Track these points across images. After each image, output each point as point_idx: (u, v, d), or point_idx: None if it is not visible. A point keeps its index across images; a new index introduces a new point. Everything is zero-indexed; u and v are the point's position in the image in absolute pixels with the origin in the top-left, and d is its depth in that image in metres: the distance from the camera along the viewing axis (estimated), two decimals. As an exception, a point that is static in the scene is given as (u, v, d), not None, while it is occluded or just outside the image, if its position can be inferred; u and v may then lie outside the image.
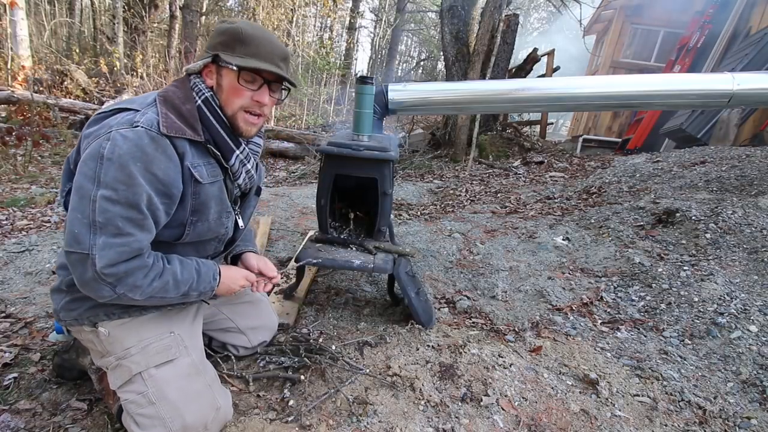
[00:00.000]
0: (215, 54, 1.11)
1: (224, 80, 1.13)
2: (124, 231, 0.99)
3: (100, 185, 0.97)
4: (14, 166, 4.61)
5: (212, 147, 1.14)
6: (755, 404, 1.46)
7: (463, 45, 6.41)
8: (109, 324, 1.18)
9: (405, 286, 1.82)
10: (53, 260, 2.42)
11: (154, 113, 1.05)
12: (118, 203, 0.98)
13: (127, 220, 0.99)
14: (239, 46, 1.11)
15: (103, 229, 0.98)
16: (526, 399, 1.46)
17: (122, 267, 1.00)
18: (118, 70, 9.30)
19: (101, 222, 0.97)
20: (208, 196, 1.15)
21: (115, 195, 0.97)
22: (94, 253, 0.97)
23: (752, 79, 2.33)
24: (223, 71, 1.13)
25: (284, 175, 5.94)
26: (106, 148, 0.97)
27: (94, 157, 0.98)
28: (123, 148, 0.97)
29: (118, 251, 0.99)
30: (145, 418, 1.14)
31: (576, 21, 7.20)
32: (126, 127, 1.00)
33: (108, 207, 0.97)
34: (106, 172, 0.97)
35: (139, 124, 1.01)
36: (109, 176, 0.97)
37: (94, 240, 0.97)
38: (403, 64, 23.74)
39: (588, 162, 5.96)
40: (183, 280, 1.12)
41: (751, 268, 2.17)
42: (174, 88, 1.13)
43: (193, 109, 1.11)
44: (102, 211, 0.97)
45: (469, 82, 4.57)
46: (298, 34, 12.53)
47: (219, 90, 1.15)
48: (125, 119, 1.02)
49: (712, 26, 7.63)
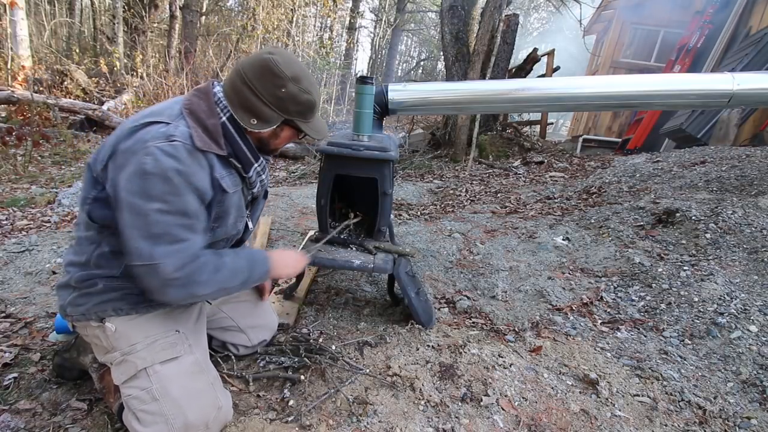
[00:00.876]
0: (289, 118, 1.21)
1: (284, 133, 1.28)
2: (180, 237, 1.07)
3: (151, 199, 1.03)
4: (14, 166, 4.61)
5: (234, 160, 1.21)
6: (755, 404, 1.46)
7: (463, 45, 6.42)
8: (116, 320, 1.20)
9: (405, 286, 1.82)
10: (53, 260, 2.42)
11: (185, 126, 1.11)
12: (170, 213, 1.05)
13: (181, 227, 1.07)
14: (310, 114, 1.24)
15: (162, 238, 1.05)
16: (526, 399, 1.47)
17: (186, 269, 1.08)
18: (118, 70, 9.30)
19: (158, 233, 1.04)
20: (230, 204, 1.24)
21: (166, 206, 1.04)
22: (158, 261, 1.04)
23: (752, 79, 2.33)
24: (287, 128, 1.26)
25: (284, 175, 5.94)
26: (148, 164, 1.02)
27: (139, 173, 1.03)
28: (165, 163, 1.03)
29: (180, 256, 1.07)
30: (147, 415, 1.14)
31: (576, 21, 7.21)
32: (163, 141, 1.05)
33: (162, 218, 1.04)
34: (153, 186, 1.03)
35: (175, 138, 1.06)
36: (157, 190, 1.03)
37: (155, 250, 1.04)
38: (403, 64, 23.75)
39: (588, 162, 5.96)
40: (240, 269, 1.22)
41: (751, 268, 2.17)
42: (198, 100, 1.17)
43: (217, 125, 1.16)
44: (157, 223, 1.04)
45: (469, 82, 4.57)
46: (298, 34, 12.53)
47: (274, 137, 1.27)
48: (159, 132, 1.07)
49: (712, 26, 7.63)
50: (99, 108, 7.13)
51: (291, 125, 1.25)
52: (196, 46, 10.10)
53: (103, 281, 1.18)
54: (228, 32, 11.66)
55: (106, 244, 1.16)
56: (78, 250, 1.21)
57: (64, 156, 5.37)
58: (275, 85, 1.16)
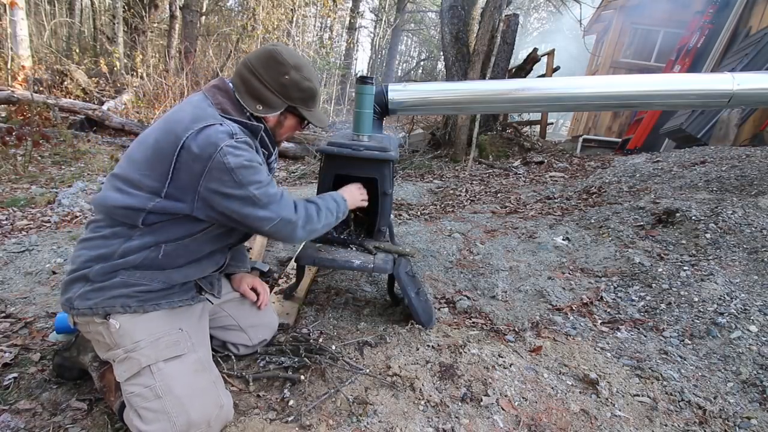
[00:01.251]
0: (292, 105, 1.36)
1: (288, 122, 1.42)
2: (277, 194, 1.28)
3: (247, 185, 1.21)
4: (14, 166, 4.61)
5: (263, 149, 1.37)
6: (755, 404, 1.46)
7: (463, 45, 6.42)
8: (121, 317, 1.21)
9: (405, 286, 1.82)
10: (53, 260, 2.42)
11: (234, 123, 1.26)
12: (262, 185, 1.24)
13: (273, 187, 1.28)
14: (311, 102, 1.40)
15: (270, 202, 1.26)
16: (526, 399, 1.47)
17: (300, 213, 1.34)
18: (118, 70, 9.31)
19: (266, 201, 1.25)
20: None
21: (260, 183, 1.23)
22: (282, 214, 1.28)
23: (752, 79, 2.33)
24: (290, 116, 1.41)
25: (284, 175, 5.94)
26: (229, 161, 1.17)
27: (225, 171, 1.18)
28: (240, 155, 1.20)
29: (285, 203, 1.30)
30: (149, 412, 1.15)
31: (576, 21, 7.21)
32: (230, 140, 1.19)
33: (262, 191, 1.24)
34: (243, 176, 1.20)
35: (237, 135, 1.22)
36: (247, 177, 1.20)
37: (272, 210, 1.26)
38: (403, 64, 23.75)
39: (588, 162, 5.96)
40: (332, 208, 1.49)
41: (751, 268, 2.17)
42: (222, 98, 1.29)
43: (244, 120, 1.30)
44: (262, 195, 1.24)
45: (469, 82, 4.57)
46: (298, 34, 12.53)
47: (278, 125, 1.41)
48: (221, 132, 1.20)
49: (712, 26, 7.63)
50: (99, 108, 7.13)
51: (294, 113, 1.39)
52: (196, 46, 10.10)
53: (123, 274, 1.22)
54: (228, 32, 11.67)
55: (137, 238, 1.22)
56: (100, 245, 1.23)
57: (64, 156, 5.37)
58: (279, 72, 1.29)
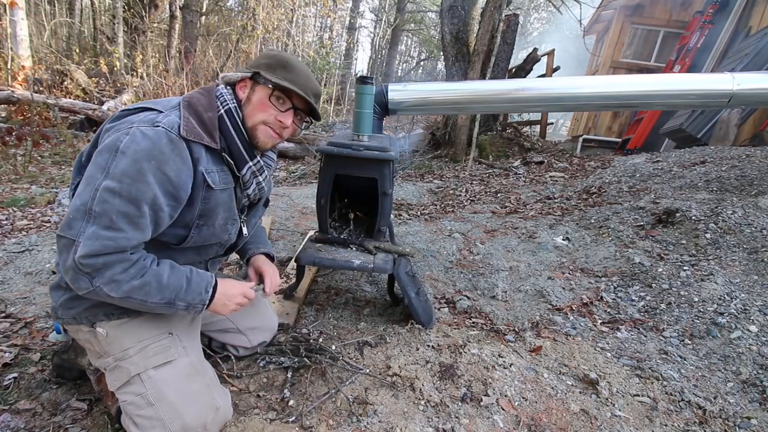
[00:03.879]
0: (256, 71, 1.18)
1: (256, 95, 1.19)
2: (116, 225, 0.99)
3: (108, 176, 0.98)
4: (14, 166, 4.61)
5: (227, 155, 1.18)
6: (755, 404, 1.46)
7: (463, 45, 6.41)
8: (107, 324, 1.18)
9: (405, 286, 1.82)
10: (53, 260, 2.42)
11: (176, 116, 1.08)
12: (119, 196, 0.98)
13: (123, 215, 0.99)
14: (281, 70, 1.18)
15: (97, 219, 0.98)
16: (526, 399, 1.46)
17: (101, 259, 0.98)
18: (118, 70, 9.30)
19: (97, 212, 0.97)
20: (217, 202, 1.18)
21: (118, 187, 0.98)
22: (79, 240, 0.97)
23: (752, 79, 2.33)
24: (257, 87, 1.19)
25: (284, 175, 5.94)
26: (123, 142, 0.99)
27: (110, 149, 1.00)
28: (140, 145, 1.00)
29: (103, 244, 0.97)
30: (144, 419, 1.14)
31: (576, 21, 7.21)
32: (147, 126, 1.03)
33: (108, 198, 0.98)
34: (117, 164, 0.98)
35: (160, 124, 1.04)
36: (118, 169, 0.98)
37: (84, 228, 0.97)
38: (403, 64, 23.74)
39: (588, 162, 5.95)
40: (168, 285, 1.08)
41: (751, 268, 2.17)
42: (199, 95, 1.17)
43: (214, 118, 1.14)
44: (101, 201, 0.97)
45: (469, 82, 4.57)
46: (298, 34, 12.53)
47: (247, 102, 1.20)
48: (147, 118, 1.06)
49: (712, 26, 7.63)
50: (99, 108, 7.13)
51: (260, 83, 1.19)
52: (196, 46, 10.10)
53: None
54: (228, 32, 11.67)
55: None
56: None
57: (64, 156, 5.37)
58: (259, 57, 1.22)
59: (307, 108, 1.25)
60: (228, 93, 1.20)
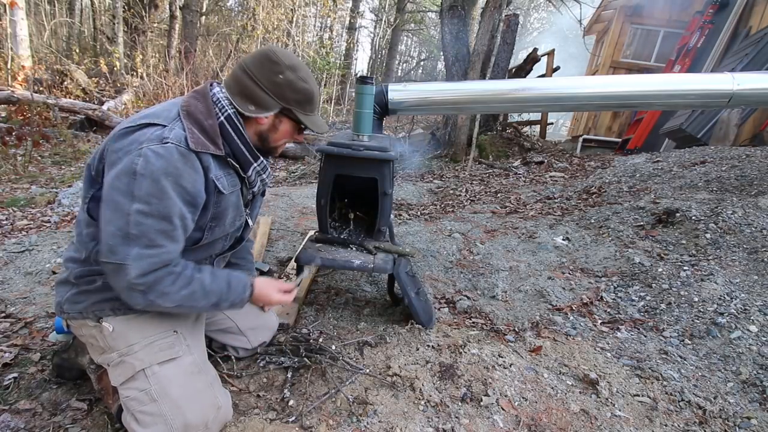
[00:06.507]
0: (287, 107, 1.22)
1: (283, 126, 1.27)
2: (156, 242, 1.06)
3: (135, 199, 1.02)
4: (14, 166, 4.61)
5: (232, 160, 1.22)
6: (755, 404, 1.46)
7: (463, 45, 6.41)
8: (114, 320, 1.20)
9: (405, 286, 1.82)
10: (53, 260, 2.42)
11: (180, 128, 1.10)
12: (151, 216, 1.04)
13: (160, 232, 1.06)
14: (308, 105, 1.26)
15: (137, 240, 1.04)
16: (526, 399, 1.47)
17: (151, 276, 1.06)
18: (118, 70, 9.31)
19: (135, 234, 1.03)
20: (227, 204, 1.24)
21: (149, 208, 1.03)
22: (128, 263, 1.03)
23: (752, 79, 2.33)
24: (285, 119, 1.27)
25: (284, 175, 5.94)
26: (138, 164, 1.02)
27: (128, 173, 1.03)
28: (155, 165, 1.03)
29: (150, 261, 1.05)
30: (146, 416, 1.14)
31: (576, 21, 7.21)
32: (156, 144, 1.05)
33: (142, 220, 1.03)
34: (139, 186, 1.02)
35: (168, 140, 1.06)
36: (142, 191, 1.02)
37: (128, 251, 1.03)
38: (403, 64, 23.73)
39: (588, 162, 5.96)
40: (211, 291, 1.18)
41: (751, 268, 2.17)
42: (195, 101, 1.18)
43: (215, 125, 1.16)
44: (136, 224, 1.03)
45: (469, 82, 4.57)
46: (298, 34, 12.52)
47: (272, 129, 1.27)
48: (154, 135, 1.07)
49: (712, 26, 7.63)
50: (99, 108, 7.13)
51: (290, 117, 1.26)
52: (196, 46, 10.11)
53: (102, 278, 1.18)
54: (228, 32, 11.67)
55: None
56: (78, 247, 1.21)
57: (64, 156, 5.37)
58: (273, 72, 1.19)
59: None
60: (224, 96, 1.21)
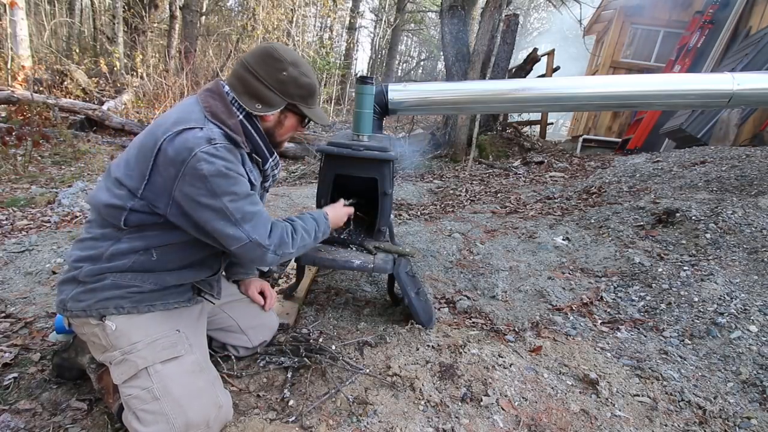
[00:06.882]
0: (292, 103, 1.31)
1: (289, 121, 1.37)
2: (254, 212, 1.21)
3: (221, 195, 1.15)
4: (14, 166, 4.61)
5: (255, 155, 1.32)
6: (755, 404, 1.46)
7: (463, 45, 6.41)
8: (117, 318, 1.21)
9: (405, 286, 1.82)
10: (53, 260, 2.42)
11: (217, 128, 1.20)
12: (240, 198, 1.18)
13: (250, 203, 1.21)
14: (311, 99, 1.35)
15: (244, 219, 1.19)
16: (526, 399, 1.46)
17: (276, 236, 1.26)
18: (118, 70, 9.32)
19: (240, 217, 1.18)
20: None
21: (236, 195, 1.17)
22: (253, 236, 1.20)
23: (752, 79, 2.33)
24: (290, 114, 1.36)
25: (284, 175, 5.94)
26: (204, 169, 1.12)
27: (199, 178, 1.13)
28: (217, 164, 1.14)
29: (264, 225, 1.23)
30: (147, 414, 1.14)
31: (576, 21, 7.21)
32: (207, 145, 1.14)
33: (237, 205, 1.18)
34: (217, 185, 1.14)
35: (215, 140, 1.16)
36: (221, 187, 1.15)
37: (245, 230, 1.19)
38: (403, 64, 23.72)
39: (588, 162, 5.96)
40: (309, 229, 1.40)
41: (751, 268, 2.17)
42: (214, 101, 1.23)
43: (237, 124, 1.24)
44: (236, 210, 1.17)
45: (469, 82, 4.58)
46: (298, 34, 12.52)
47: (278, 125, 1.36)
48: (199, 138, 1.14)
49: (712, 26, 7.63)
50: (99, 108, 7.13)
51: (294, 111, 1.34)
52: (196, 46, 10.11)
53: (112, 276, 1.20)
54: (228, 32, 11.68)
55: (126, 240, 1.21)
56: (90, 246, 1.23)
57: (64, 156, 5.37)
58: (276, 69, 1.25)
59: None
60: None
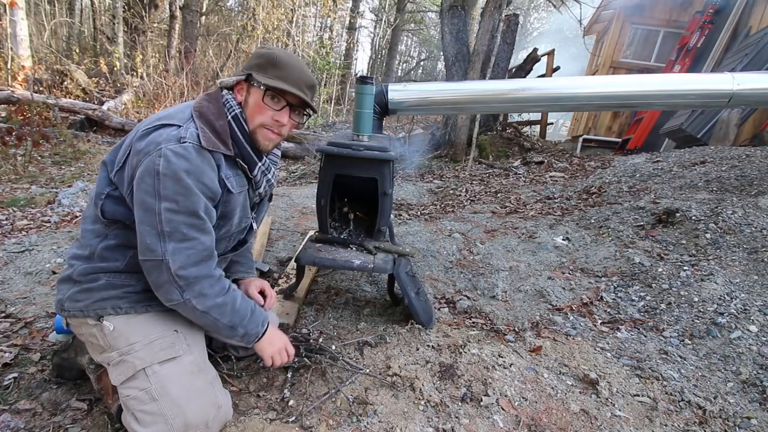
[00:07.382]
0: (248, 73, 1.21)
1: (251, 97, 1.23)
2: (189, 236, 1.11)
3: (162, 199, 1.07)
4: (14, 166, 4.61)
5: (240, 160, 1.24)
6: (755, 404, 1.46)
7: (463, 45, 6.41)
8: (114, 318, 1.20)
9: (405, 286, 1.82)
10: (53, 260, 2.42)
11: (194, 128, 1.14)
12: (180, 212, 1.09)
13: (190, 226, 1.11)
14: (271, 69, 1.21)
15: (171, 236, 1.09)
16: (526, 399, 1.47)
17: (193, 270, 1.11)
18: (118, 70, 9.32)
19: (168, 231, 1.08)
20: (235, 204, 1.26)
21: (176, 206, 1.08)
22: (167, 258, 1.08)
23: (752, 79, 2.33)
24: (252, 89, 1.23)
25: (284, 175, 5.94)
26: (160, 165, 1.06)
27: (151, 173, 1.07)
28: (176, 164, 1.07)
29: (187, 254, 1.10)
30: (146, 415, 1.14)
31: (576, 21, 7.21)
32: (174, 143, 1.09)
33: (172, 217, 1.08)
34: (164, 186, 1.06)
35: (185, 139, 1.10)
36: (168, 190, 1.07)
37: (165, 247, 1.08)
38: (403, 64, 23.73)
39: (588, 162, 5.96)
40: (239, 311, 1.21)
41: (751, 268, 2.17)
42: (207, 103, 1.21)
43: (225, 125, 1.19)
44: (167, 222, 1.08)
45: (469, 82, 4.58)
46: (298, 34, 12.53)
47: (245, 105, 1.24)
48: (171, 135, 1.10)
49: (712, 26, 7.63)
50: (99, 108, 7.14)
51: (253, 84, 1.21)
52: (196, 46, 10.11)
53: (106, 276, 1.20)
54: (228, 32, 11.67)
55: (113, 237, 1.19)
56: (83, 244, 1.23)
57: (64, 156, 5.37)
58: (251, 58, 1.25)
59: (302, 103, 1.27)
60: (233, 98, 1.24)
